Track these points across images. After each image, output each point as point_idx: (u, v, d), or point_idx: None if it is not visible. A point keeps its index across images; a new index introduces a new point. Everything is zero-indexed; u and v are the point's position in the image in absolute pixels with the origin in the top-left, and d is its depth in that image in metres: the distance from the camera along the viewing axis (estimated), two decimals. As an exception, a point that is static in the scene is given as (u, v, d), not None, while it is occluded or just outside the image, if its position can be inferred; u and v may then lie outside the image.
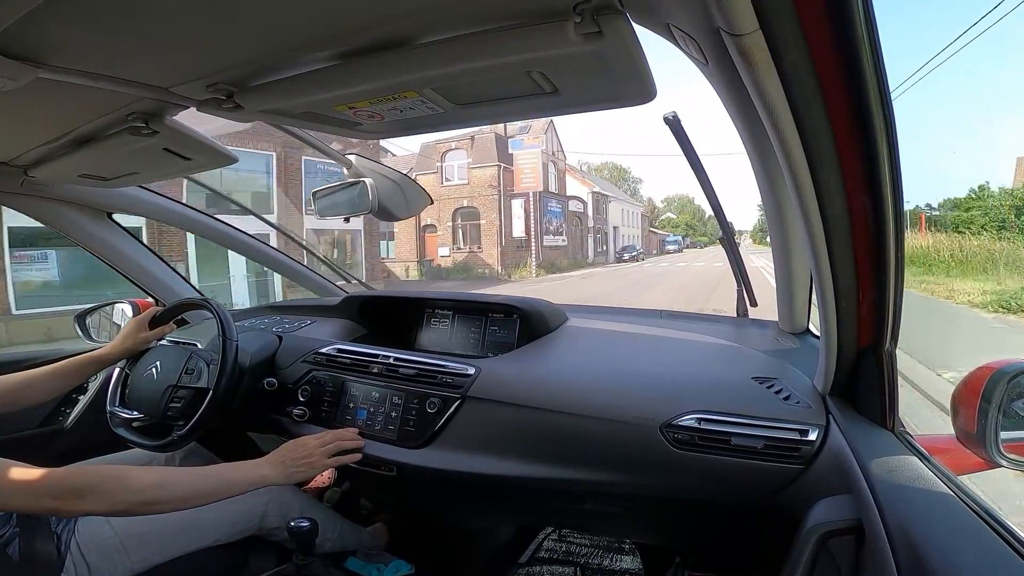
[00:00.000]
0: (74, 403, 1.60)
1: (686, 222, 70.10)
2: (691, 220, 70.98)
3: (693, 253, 45.99)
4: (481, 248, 21.80)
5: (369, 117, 0.85)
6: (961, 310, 8.98)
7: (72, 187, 1.41)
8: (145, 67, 0.74)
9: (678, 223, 68.45)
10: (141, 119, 0.91)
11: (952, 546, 0.53)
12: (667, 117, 0.99)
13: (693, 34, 0.55)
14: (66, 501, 0.80)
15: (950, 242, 13.69)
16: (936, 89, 54.85)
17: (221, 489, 0.95)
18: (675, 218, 70.79)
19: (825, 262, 0.65)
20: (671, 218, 69.28)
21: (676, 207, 74.50)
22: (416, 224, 21.66)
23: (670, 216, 70.35)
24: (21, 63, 0.67)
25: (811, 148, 0.54)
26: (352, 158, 1.28)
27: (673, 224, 66.36)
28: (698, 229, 69.00)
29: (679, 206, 74.47)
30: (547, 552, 1.67)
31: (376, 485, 1.32)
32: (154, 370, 1.25)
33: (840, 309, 0.71)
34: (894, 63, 12.32)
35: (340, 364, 1.28)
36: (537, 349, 1.25)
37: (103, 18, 0.60)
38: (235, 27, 0.63)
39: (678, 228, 63.41)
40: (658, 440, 0.93)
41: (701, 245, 57.53)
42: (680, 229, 64.42)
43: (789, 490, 0.87)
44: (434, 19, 0.61)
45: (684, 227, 67.76)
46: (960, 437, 0.74)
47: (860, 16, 0.43)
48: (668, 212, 72.56)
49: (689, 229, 67.71)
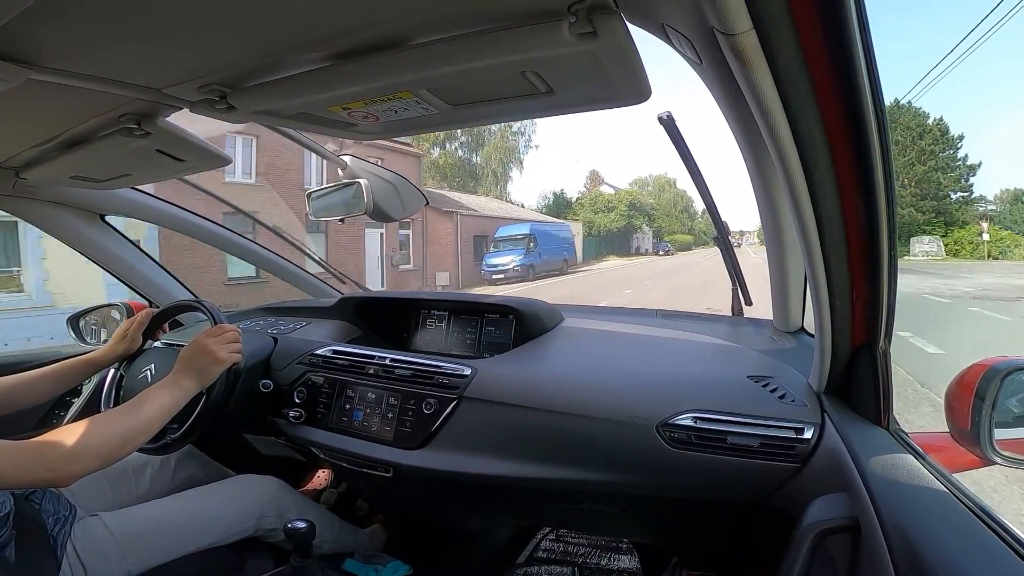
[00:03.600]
0: (68, 406, 1.58)
1: (666, 212, 49.48)
2: (673, 211, 50.66)
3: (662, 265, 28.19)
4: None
5: (364, 118, 0.85)
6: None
7: (64, 189, 1.40)
8: (137, 68, 0.74)
9: (655, 212, 47.38)
10: (134, 120, 0.90)
11: (948, 543, 0.53)
12: (661, 117, 0.99)
13: (687, 34, 0.55)
14: (59, 470, 0.81)
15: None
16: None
17: (167, 406, 0.98)
18: (653, 203, 47.83)
19: (819, 261, 0.65)
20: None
21: (652, 191, 51.77)
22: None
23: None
24: (12, 64, 0.66)
25: (805, 147, 0.54)
26: (347, 159, 1.28)
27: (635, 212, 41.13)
28: (683, 223, 50.60)
29: (656, 190, 52.08)
30: (545, 552, 1.67)
31: (373, 486, 1.31)
32: (148, 372, 1.24)
33: (834, 307, 0.71)
34: (887, 63, 12.23)
35: (336, 365, 1.28)
36: (533, 349, 1.25)
37: (95, 19, 0.60)
38: (228, 28, 0.62)
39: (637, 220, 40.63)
40: (654, 439, 0.93)
41: (670, 251, 40.93)
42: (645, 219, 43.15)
43: (785, 488, 0.87)
44: (429, 20, 0.61)
45: (662, 217, 48.11)
46: (954, 434, 0.75)
47: (853, 16, 0.44)
48: (641, 196, 46.77)
49: (671, 221, 49.26)
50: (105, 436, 0.88)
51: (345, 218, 1.35)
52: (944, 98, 56.70)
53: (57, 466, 0.81)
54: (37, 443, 0.82)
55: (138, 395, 0.98)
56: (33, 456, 0.80)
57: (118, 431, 0.90)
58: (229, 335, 1.12)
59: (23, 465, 0.79)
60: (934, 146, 30.77)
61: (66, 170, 1.17)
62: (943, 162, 30.92)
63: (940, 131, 31.08)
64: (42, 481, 0.83)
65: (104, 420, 0.91)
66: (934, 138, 30.85)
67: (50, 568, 0.91)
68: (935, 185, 30.47)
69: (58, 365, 1.18)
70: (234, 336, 1.13)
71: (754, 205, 0.93)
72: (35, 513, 0.94)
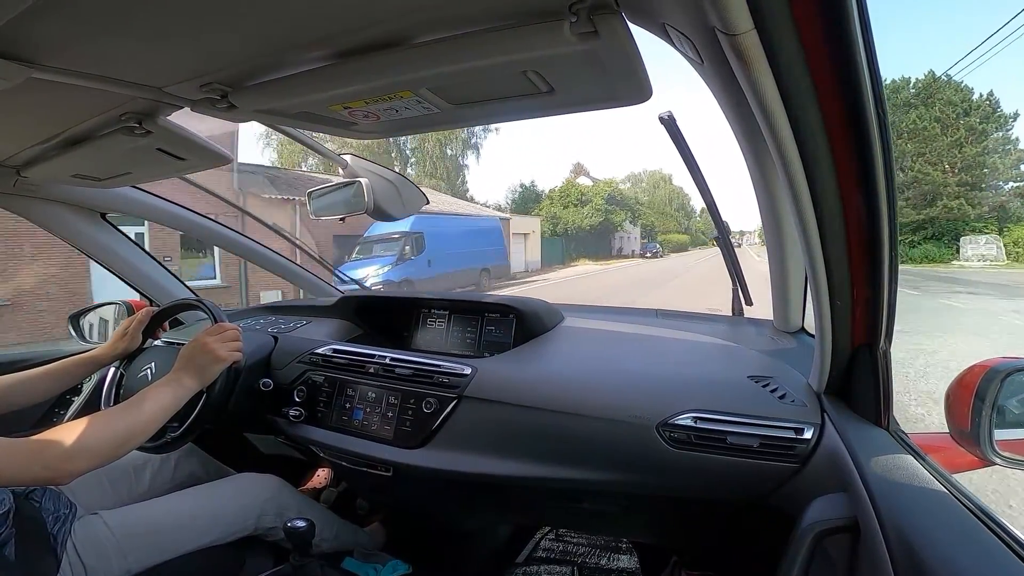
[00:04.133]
0: (68, 404, 1.58)
1: (658, 210, 46.09)
2: (668, 208, 47.71)
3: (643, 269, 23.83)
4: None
5: (364, 117, 0.85)
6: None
7: (65, 187, 1.40)
8: (139, 67, 0.74)
9: (644, 209, 42.51)
10: (135, 119, 0.90)
11: (947, 543, 0.53)
12: (663, 117, 0.99)
13: (688, 33, 0.55)
14: (58, 468, 0.81)
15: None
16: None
17: (167, 405, 0.99)
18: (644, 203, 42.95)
19: (820, 260, 0.65)
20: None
21: (647, 187, 48.99)
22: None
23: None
24: (13, 63, 0.66)
25: (805, 147, 0.54)
26: (348, 158, 1.27)
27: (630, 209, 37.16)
28: (679, 222, 48.26)
29: (650, 186, 49.01)
30: (544, 552, 1.67)
31: (373, 485, 1.32)
32: (149, 371, 1.25)
33: (835, 308, 0.71)
34: (888, 62, 12.07)
35: (336, 364, 1.28)
36: (533, 349, 1.25)
37: (96, 18, 0.60)
38: (229, 27, 0.62)
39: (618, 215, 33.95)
40: (654, 439, 0.93)
41: (659, 252, 37.47)
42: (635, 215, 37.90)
43: (785, 489, 0.87)
44: (430, 19, 0.61)
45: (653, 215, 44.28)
46: (954, 435, 0.75)
47: (854, 15, 0.44)
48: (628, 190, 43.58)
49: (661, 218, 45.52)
50: (104, 434, 0.88)
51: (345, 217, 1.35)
52: (993, 75, 50.72)
53: (56, 464, 0.81)
54: (36, 441, 0.82)
55: (138, 393, 0.98)
56: (32, 454, 0.80)
57: (118, 429, 0.90)
58: (229, 333, 1.13)
59: (22, 463, 0.79)
60: (985, 124, 25.54)
61: (67, 168, 1.17)
62: (995, 144, 25.61)
63: (991, 107, 25.90)
64: (41, 479, 0.83)
65: (104, 418, 0.91)
66: (984, 115, 25.68)
67: (50, 566, 0.91)
68: (983, 171, 25.01)
69: (58, 364, 1.18)
70: (234, 335, 1.14)
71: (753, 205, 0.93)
72: (35, 511, 0.94)
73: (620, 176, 52.35)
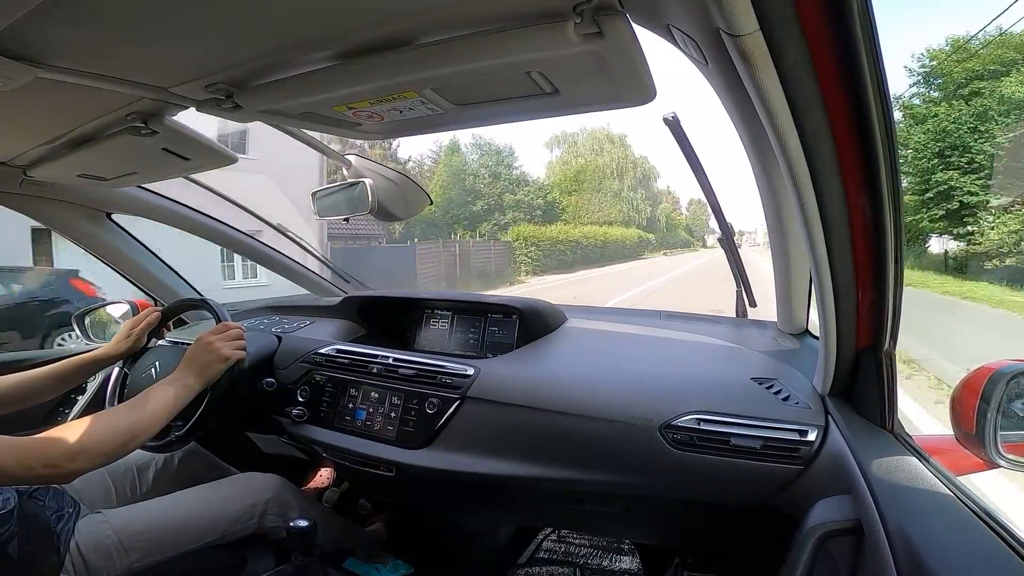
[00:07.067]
0: (73, 404, 1.59)
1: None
2: (616, 185, 35.21)
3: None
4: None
5: (369, 118, 0.85)
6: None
7: (71, 187, 1.40)
8: (144, 67, 0.74)
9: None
10: (140, 119, 0.90)
11: (951, 546, 0.53)
12: (667, 118, 0.98)
13: (693, 35, 0.55)
14: (61, 466, 0.82)
15: None
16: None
17: (170, 404, 0.99)
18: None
19: (824, 262, 0.65)
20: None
21: (583, 151, 34.71)
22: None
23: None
24: (20, 63, 0.67)
25: (810, 149, 0.54)
26: (351, 158, 1.28)
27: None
28: (634, 206, 35.27)
29: (588, 151, 34.78)
30: (546, 552, 1.67)
31: (375, 485, 1.32)
32: (153, 370, 1.25)
33: (839, 310, 0.71)
34: (894, 64, 11.82)
35: (339, 364, 1.28)
36: (536, 349, 1.25)
37: (102, 18, 0.60)
38: (235, 27, 0.63)
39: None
40: (657, 440, 0.93)
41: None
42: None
43: (788, 491, 0.87)
44: (434, 19, 0.61)
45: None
46: (959, 438, 0.74)
47: (860, 17, 0.44)
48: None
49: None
50: (108, 433, 0.88)
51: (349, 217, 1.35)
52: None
53: (59, 463, 0.81)
54: (40, 440, 0.82)
55: (142, 392, 0.99)
56: (36, 452, 0.81)
57: (121, 428, 0.90)
58: (233, 333, 1.13)
59: (25, 461, 0.79)
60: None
61: (73, 168, 1.17)
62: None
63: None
64: (44, 477, 0.84)
65: (107, 417, 0.92)
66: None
67: (53, 564, 0.91)
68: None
69: (62, 363, 1.19)
70: (238, 334, 1.14)
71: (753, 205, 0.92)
72: (39, 509, 0.94)
73: (543, 139, 39.91)
